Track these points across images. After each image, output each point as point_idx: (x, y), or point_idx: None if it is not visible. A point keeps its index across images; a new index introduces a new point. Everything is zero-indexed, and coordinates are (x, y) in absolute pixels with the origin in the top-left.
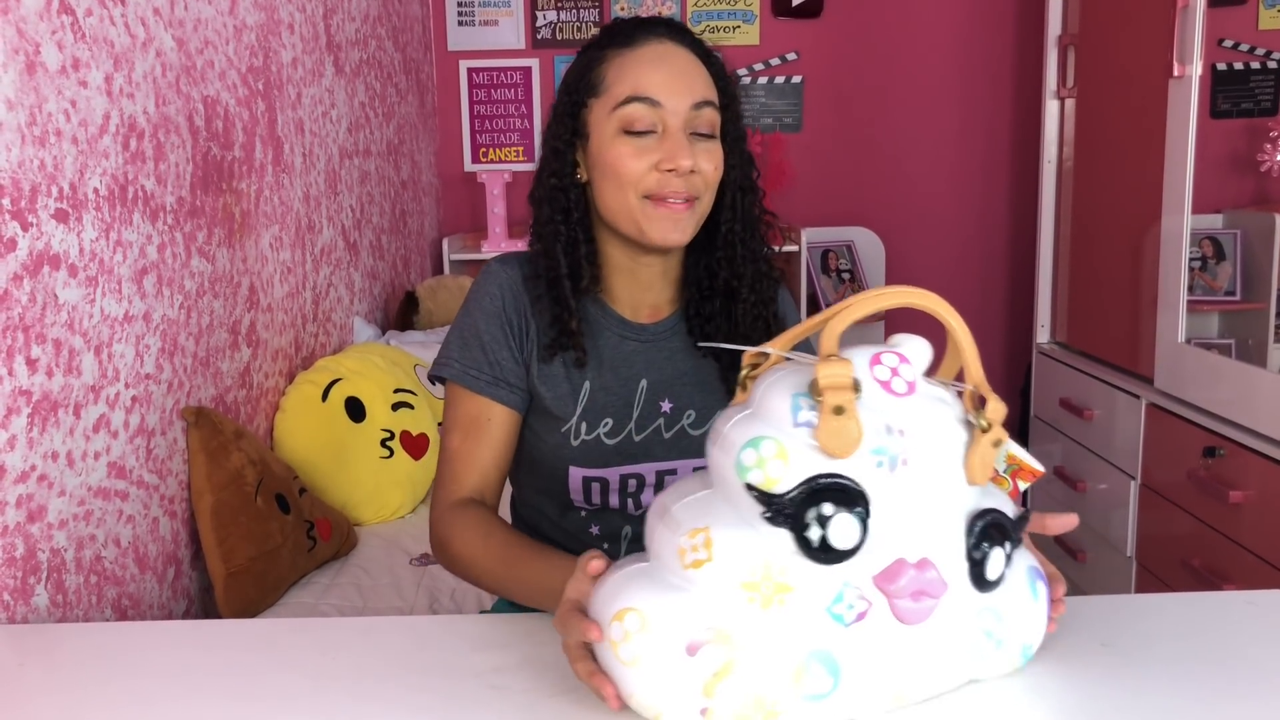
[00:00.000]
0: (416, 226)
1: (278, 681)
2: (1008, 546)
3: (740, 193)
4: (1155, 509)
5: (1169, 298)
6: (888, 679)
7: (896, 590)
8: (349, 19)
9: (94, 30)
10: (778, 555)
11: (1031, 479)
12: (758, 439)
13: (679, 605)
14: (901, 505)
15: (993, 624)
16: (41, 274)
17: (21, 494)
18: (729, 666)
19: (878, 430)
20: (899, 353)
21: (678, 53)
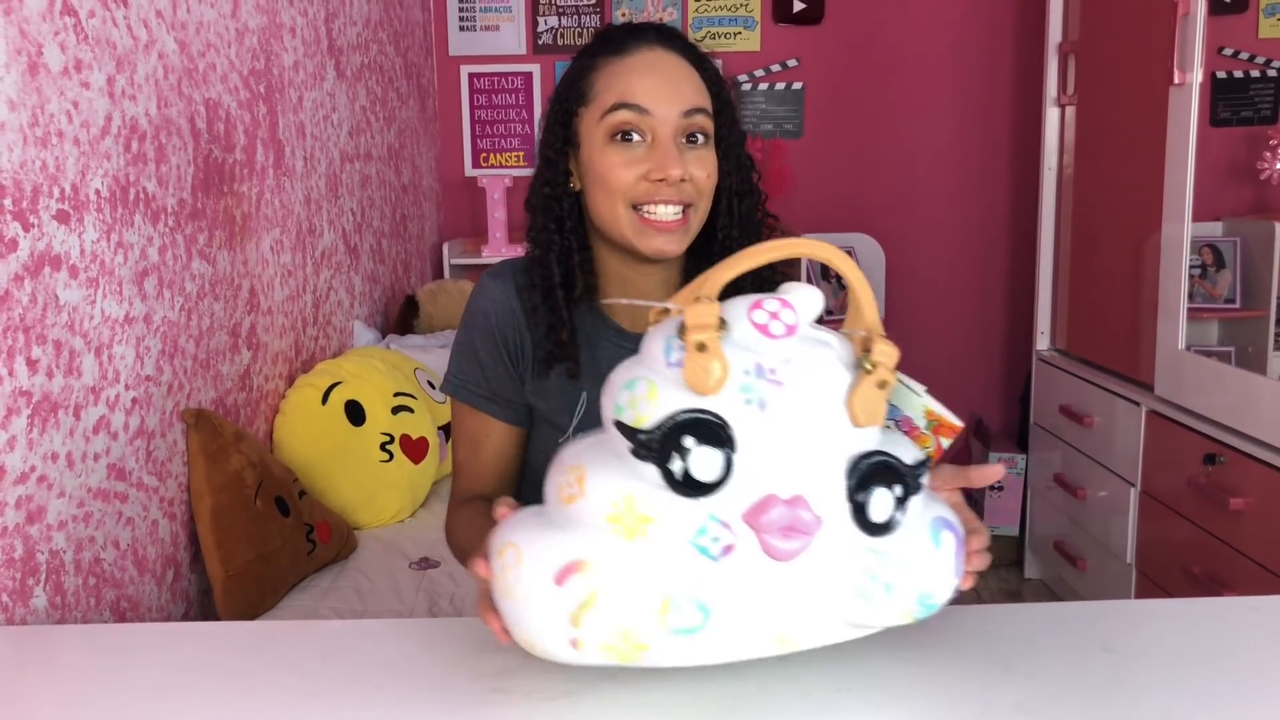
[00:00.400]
0: (417, 231)
1: (277, 684)
2: (897, 490)
3: (737, 198)
4: (1155, 516)
5: (1169, 305)
6: (764, 617)
7: (764, 525)
8: (350, 23)
9: (96, 32)
10: (642, 489)
11: (952, 435)
12: (633, 380)
13: (550, 539)
14: (773, 443)
15: (878, 567)
16: (42, 275)
17: (21, 495)
18: (594, 597)
19: (747, 369)
20: (782, 299)
21: (668, 59)
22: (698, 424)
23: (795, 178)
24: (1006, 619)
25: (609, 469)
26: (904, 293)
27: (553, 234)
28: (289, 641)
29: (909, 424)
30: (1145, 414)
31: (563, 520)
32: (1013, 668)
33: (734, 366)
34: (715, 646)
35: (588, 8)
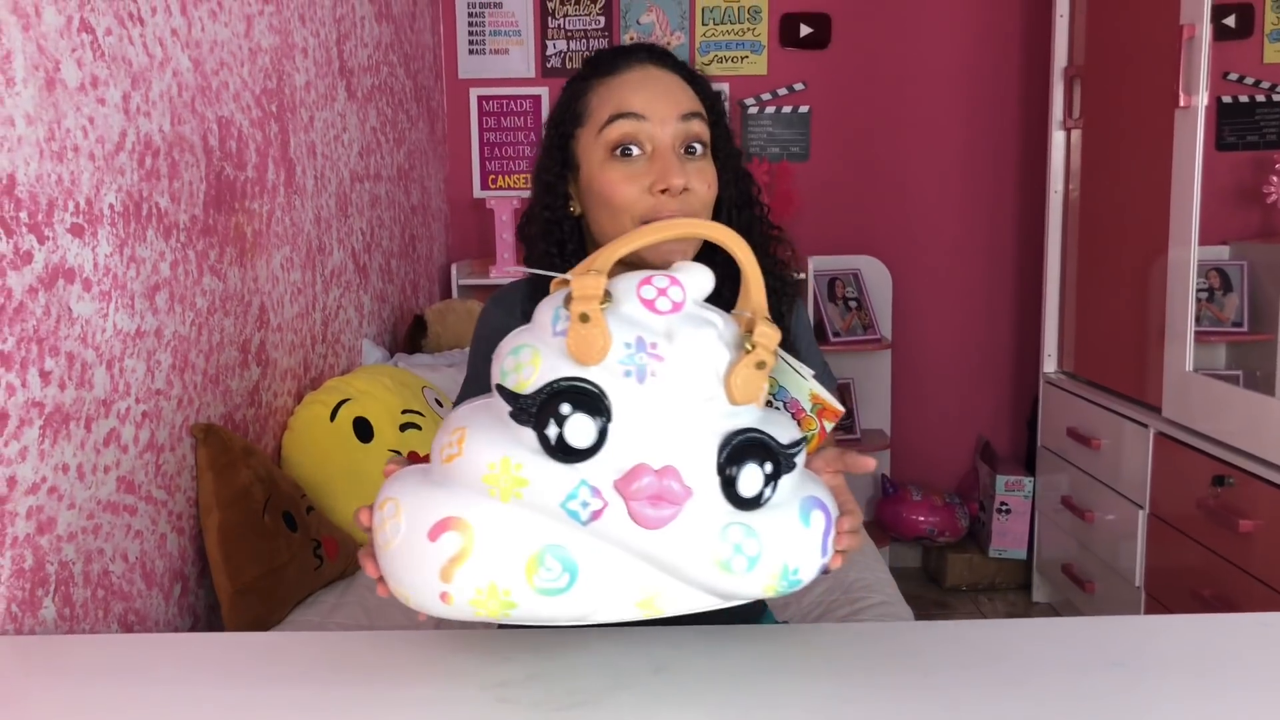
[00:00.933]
0: (425, 251)
1: (285, 694)
2: (768, 467)
3: (736, 210)
4: (1164, 539)
5: (1176, 328)
6: (629, 582)
7: (633, 493)
8: (361, 45)
9: (113, 49)
10: (518, 452)
11: (834, 418)
12: (519, 346)
13: (428, 495)
14: (649, 414)
15: (744, 541)
16: (56, 287)
17: (32, 505)
18: (465, 552)
19: (629, 342)
20: (672, 276)
21: (660, 74)
22: (575, 391)
23: (802, 200)
24: (1015, 634)
25: (489, 431)
26: (910, 315)
27: (554, 258)
28: (297, 651)
29: (796, 406)
30: (1153, 436)
31: (442, 478)
32: (1021, 683)
33: (616, 339)
34: (581, 607)
35: (596, 32)
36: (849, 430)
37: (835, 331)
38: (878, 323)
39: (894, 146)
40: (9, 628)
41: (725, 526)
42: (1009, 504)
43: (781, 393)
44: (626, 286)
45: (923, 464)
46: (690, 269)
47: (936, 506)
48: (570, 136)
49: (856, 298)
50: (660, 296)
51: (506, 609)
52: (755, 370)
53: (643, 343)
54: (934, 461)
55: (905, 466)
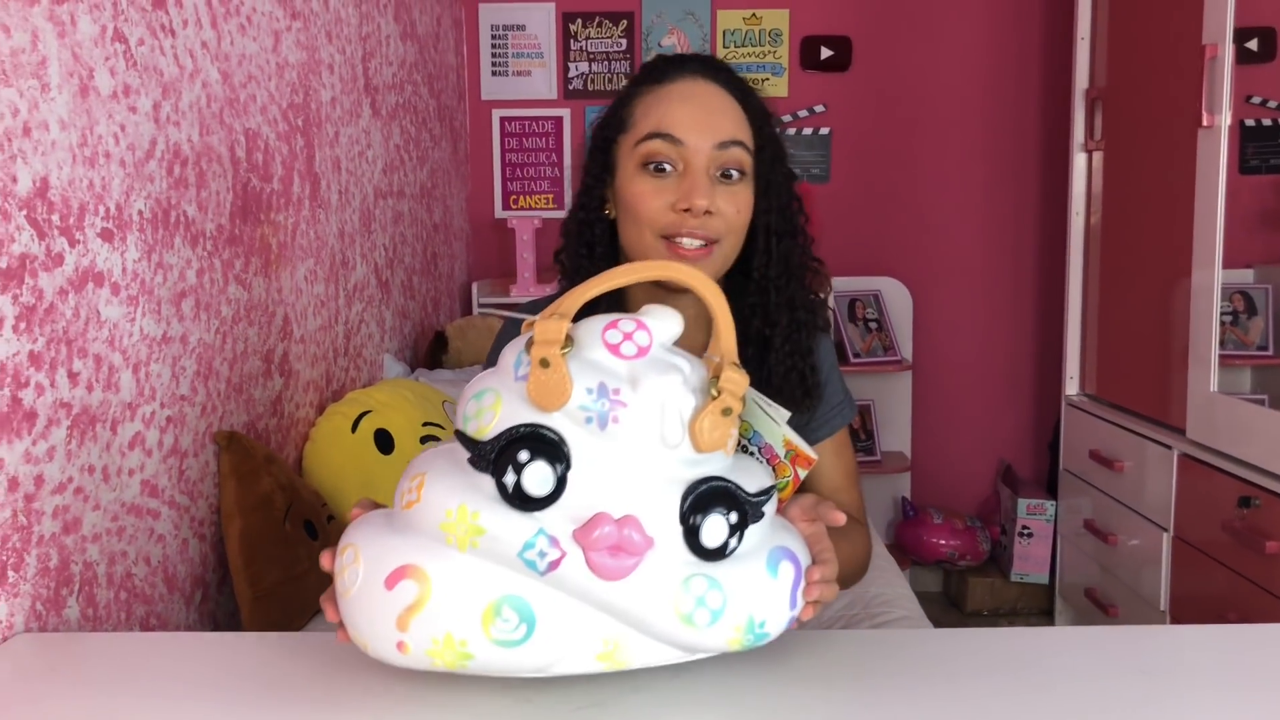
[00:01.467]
0: (447, 269)
1: (306, 693)
2: (733, 516)
3: (776, 237)
4: (1189, 562)
5: (1200, 351)
6: (589, 633)
7: (592, 543)
8: (386, 63)
9: (145, 59)
10: (476, 499)
11: (808, 465)
12: (482, 390)
13: (387, 542)
14: (610, 462)
15: (707, 592)
16: (86, 290)
17: (58, 505)
18: (421, 602)
19: (590, 388)
20: (639, 320)
21: (709, 90)
22: (533, 438)
23: (822, 222)
24: (1041, 640)
25: (447, 478)
26: (931, 338)
27: (583, 259)
28: (318, 652)
29: (770, 451)
30: (1177, 458)
31: (402, 525)
32: (1047, 687)
33: (578, 384)
34: (539, 658)
35: (618, 54)
36: (869, 452)
37: (855, 352)
38: (898, 344)
39: (914, 168)
40: (33, 625)
41: (688, 578)
42: (1031, 527)
43: (756, 437)
44: (591, 330)
45: (943, 487)
46: (658, 313)
47: (957, 530)
48: (612, 141)
49: (877, 319)
50: (625, 341)
51: (464, 660)
52: (721, 417)
53: (605, 389)
54: (955, 484)
55: (926, 489)
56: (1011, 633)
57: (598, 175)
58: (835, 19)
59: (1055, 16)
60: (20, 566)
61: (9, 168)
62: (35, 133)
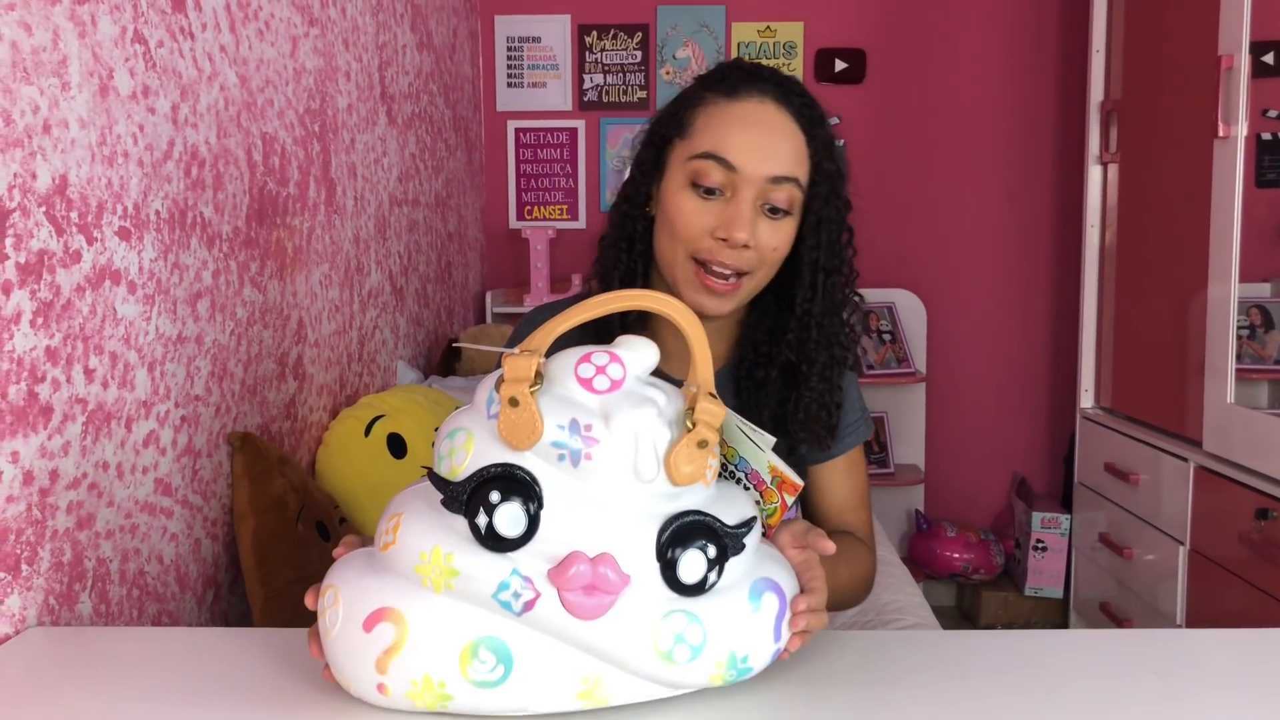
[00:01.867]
0: (461, 279)
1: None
2: (711, 550)
3: (824, 274)
4: (1205, 575)
5: (1216, 364)
6: (567, 672)
7: (566, 583)
8: (403, 73)
9: (164, 61)
10: (450, 541)
11: (794, 492)
12: (455, 430)
13: (366, 584)
14: (583, 500)
15: (686, 627)
16: (103, 288)
17: (72, 500)
18: (398, 644)
19: (562, 424)
20: (612, 352)
21: (776, 118)
22: (504, 478)
23: None
24: (1056, 643)
25: (422, 519)
26: (945, 350)
27: (621, 251)
28: None
29: (758, 477)
30: (1193, 470)
31: (381, 566)
32: (1059, 688)
33: (549, 421)
34: (519, 699)
35: (633, 66)
36: (882, 464)
37: (869, 364)
38: (912, 356)
39: (929, 180)
40: (46, 620)
41: (666, 614)
42: (1045, 541)
43: (742, 463)
44: (564, 365)
45: (957, 500)
46: (630, 343)
47: (971, 543)
48: (668, 141)
49: (891, 331)
50: (598, 375)
51: (443, 701)
52: (696, 449)
53: (577, 425)
54: (969, 497)
55: (940, 502)
56: (1022, 635)
57: (648, 172)
58: (850, 32)
59: (1070, 28)
60: (34, 560)
61: (29, 164)
62: (55, 130)
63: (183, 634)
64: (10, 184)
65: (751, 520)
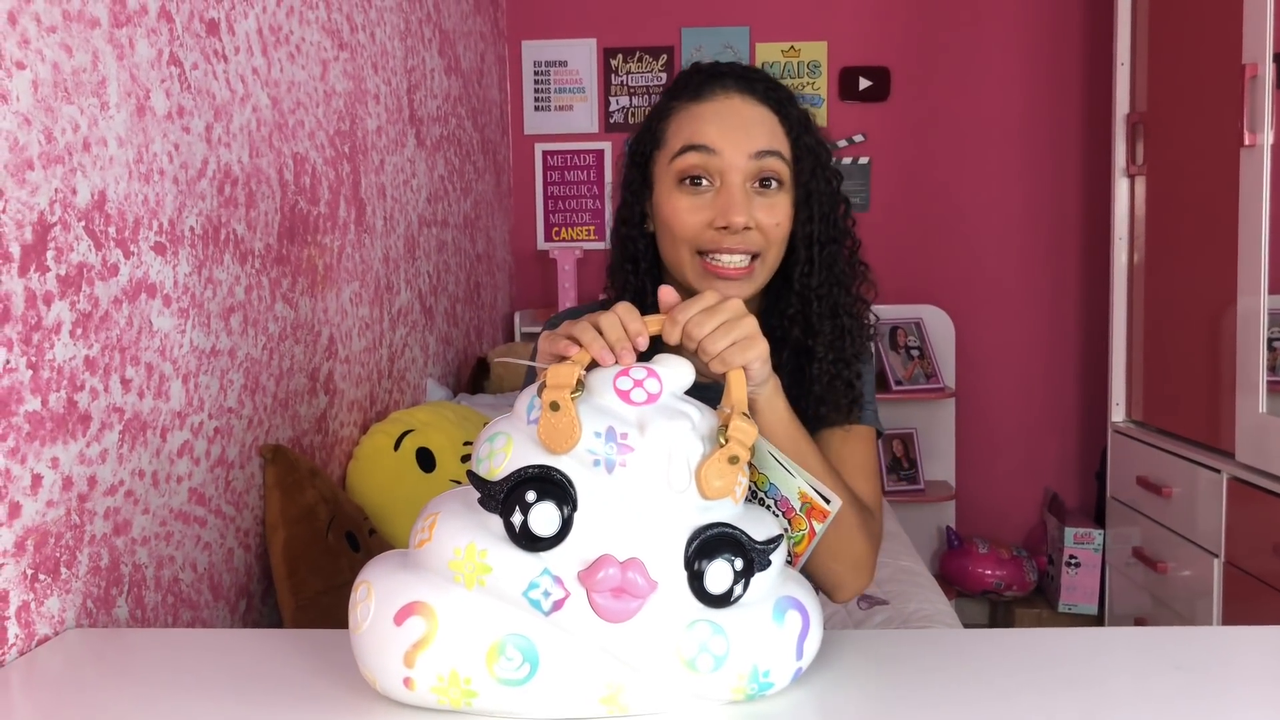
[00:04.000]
0: (490, 299)
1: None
2: (738, 563)
3: (819, 246)
4: (1241, 588)
5: (1248, 377)
6: (590, 677)
7: (596, 584)
8: (431, 96)
9: (198, 83)
10: (484, 538)
11: (823, 519)
12: (495, 434)
13: (399, 579)
14: (617, 505)
15: (711, 638)
16: (139, 300)
17: (109, 506)
18: (428, 638)
19: (599, 431)
20: (650, 368)
21: (744, 104)
22: (541, 479)
23: (863, 250)
24: (1077, 639)
25: (458, 518)
26: (974, 366)
27: (628, 274)
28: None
29: (786, 505)
30: (1227, 482)
31: (414, 563)
32: (1080, 681)
33: (587, 428)
34: (543, 701)
35: (658, 88)
36: (912, 481)
37: (898, 380)
38: (940, 372)
39: (955, 196)
40: (84, 622)
41: (691, 623)
42: (1078, 557)
43: (772, 489)
44: (603, 377)
45: (989, 516)
46: (669, 361)
47: (1003, 560)
48: (649, 157)
49: (919, 346)
50: (636, 388)
51: (468, 698)
52: (728, 465)
53: (613, 433)
54: (1000, 514)
55: (971, 519)
56: (1048, 633)
57: (636, 191)
58: (873, 50)
59: (1094, 42)
60: (73, 564)
61: (70, 180)
62: (94, 148)
63: (216, 635)
64: (51, 199)
65: (779, 539)
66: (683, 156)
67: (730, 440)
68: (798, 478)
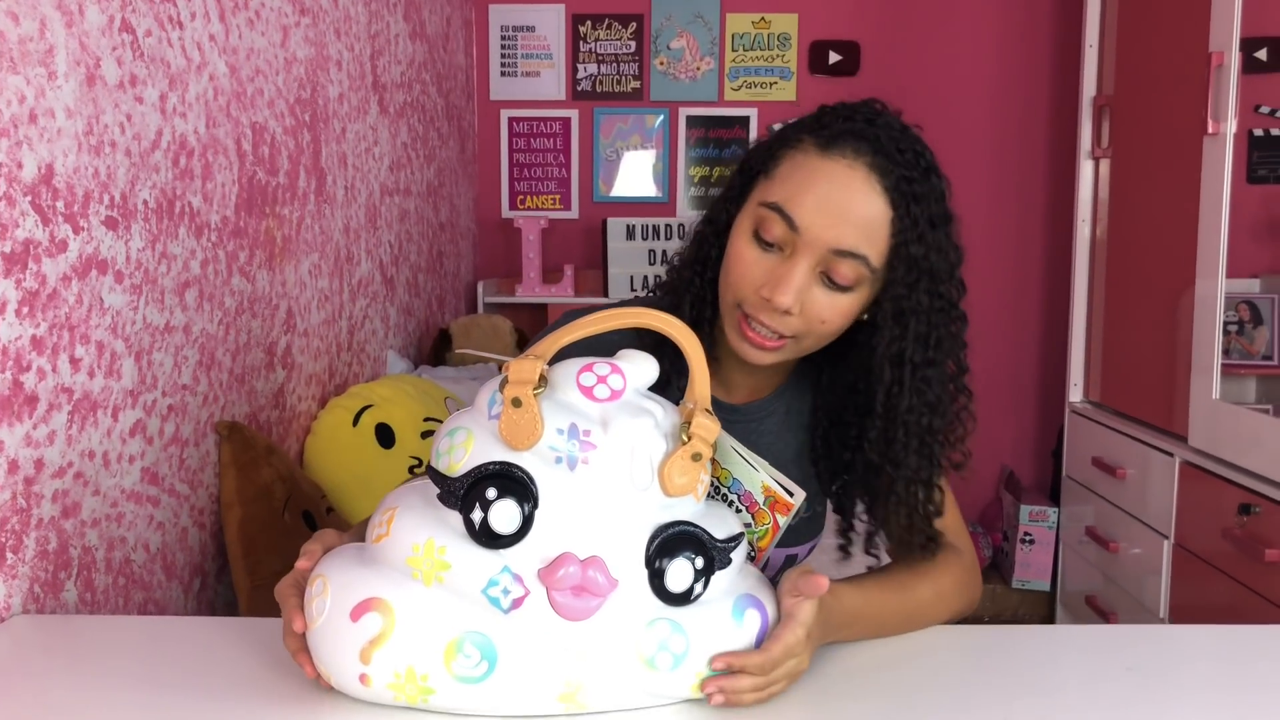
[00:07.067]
0: (453, 268)
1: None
2: (699, 562)
3: (910, 367)
4: (1189, 569)
5: (1203, 359)
6: (549, 675)
7: (555, 583)
8: (395, 62)
9: (152, 50)
10: (443, 535)
11: (787, 511)
12: (455, 429)
13: (356, 575)
14: (578, 503)
15: (670, 636)
16: (89, 277)
17: (57, 489)
18: (384, 635)
19: (561, 428)
20: (614, 364)
21: (862, 185)
22: (501, 476)
23: None
24: (1032, 639)
25: (417, 513)
26: None
27: (695, 274)
28: None
29: (750, 499)
30: (1179, 465)
31: (372, 558)
32: (1034, 684)
33: (549, 424)
34: (501, 698)
35: (627, 56)
36: None
37: None
38: None
39: None
40: (31, 608)
41: (651, 621)
42: (1033, 534)
43: (735, 485)
44: (567, 373)
45: None
46: (632, 357)
47: None
48: (755, 175)
49: None
50: (599, 384)
51: (425, 694)
52: (690, 462)
53: (576, 429)
54: (957, 490)
55: None
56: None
57: (732, 199)
58: (844, 24)
59: (1064, 24)
60: (19, 549)
61: (15, 154)
62: (41, 120)
63: (168, 623)
64: None
65: (740, 536)
66: (768, 212)
67: (693, 438)
68: (761, 472)
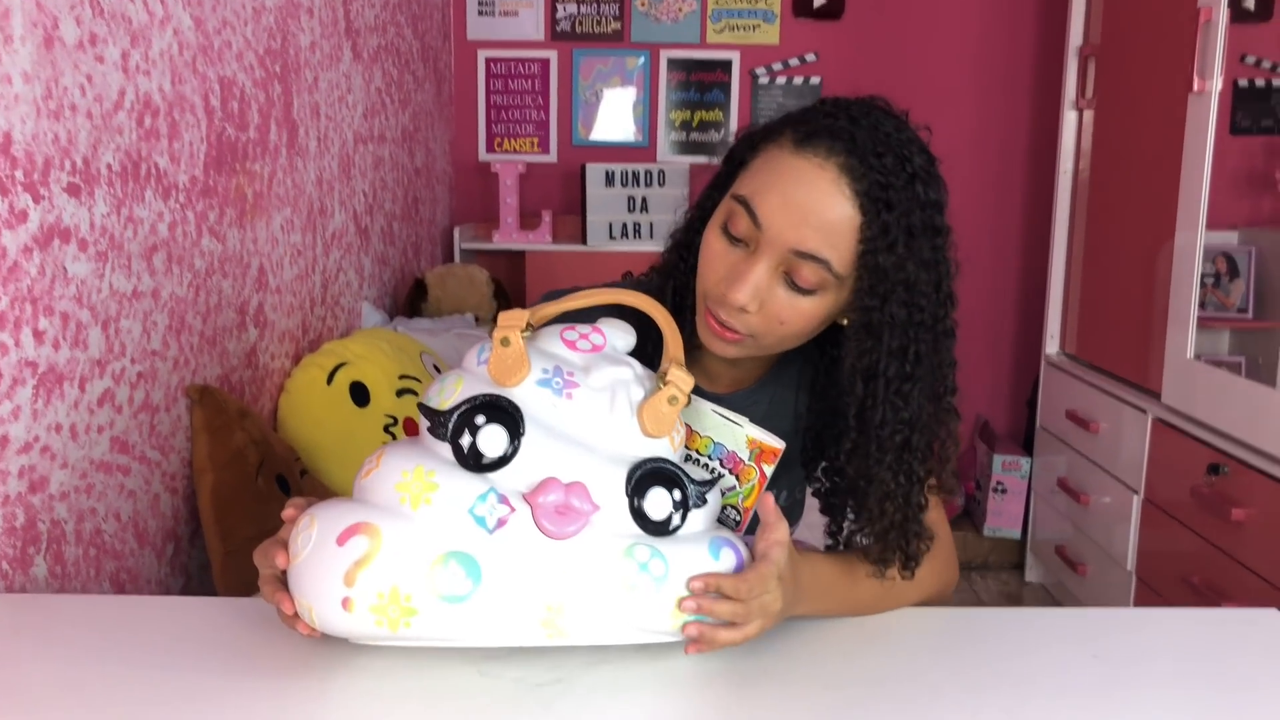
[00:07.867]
0: (428, 214)
1: (270, 659)
2: (675, 494)
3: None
4: (1157, 524)
5: (1180, 313)
6: (531, 595)
7: (541, 503)
8: (369, 5)
9: (112, 7)
10: (432, 462)
11: (773, 459)
12: (447, 375)
13: (344, 508)
14: (563, 434)
15: (650, 560)
16: (52, 247)
17: (24, 464)
18: (370, 555)
19: (546, 369)
20: (596, 326)
21: (828, 190)
22: (490, 405)
23: None
24: (1002, 623)
25: (407, 448)
26: None
27: (680, 258)
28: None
29: (734, 459)
30: (1151, 422)
31: (360, 495)
32: (1004, 673)
33: (535, 365)
34: (483, 620)
35: None
36: None
37: None
38: None
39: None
40: (0, 584)
41: (632, 545)
42: (1005, 484)
43: (717, 449)
44: (550, 331)
45: None
46: (610, 324)
47: None
48: (737, 166)
49: None
50: (581, 339)
51: (407, 616)
52: (667, 405)
53: (560, 370)
54: None
55: None
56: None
57: (720, 184)
58: None
59: None
60: None
61: None
62: None
63: (140, 602)
64: None
65: (713, 483)
66: (736, 205)
67: (669, 384)
68: (745, 426)
